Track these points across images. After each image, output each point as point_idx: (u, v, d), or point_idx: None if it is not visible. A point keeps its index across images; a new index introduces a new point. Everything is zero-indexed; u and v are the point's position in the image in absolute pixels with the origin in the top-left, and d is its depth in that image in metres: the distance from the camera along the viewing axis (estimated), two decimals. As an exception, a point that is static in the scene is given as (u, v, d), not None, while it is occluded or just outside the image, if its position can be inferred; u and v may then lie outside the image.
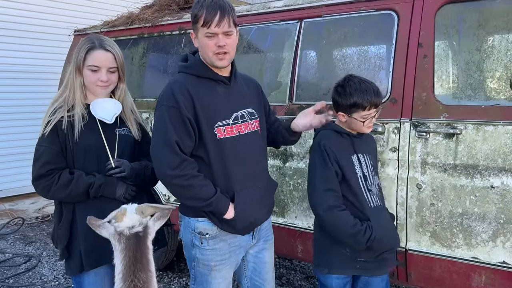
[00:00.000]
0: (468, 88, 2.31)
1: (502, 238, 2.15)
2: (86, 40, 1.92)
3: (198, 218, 1.89)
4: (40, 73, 6.22)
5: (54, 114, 1.88)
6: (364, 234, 1.90)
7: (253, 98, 1.99)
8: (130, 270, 1.56)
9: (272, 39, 3.03)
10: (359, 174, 2.00)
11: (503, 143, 2.12)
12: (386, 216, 2.08)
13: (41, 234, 4.85)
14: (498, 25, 2.28)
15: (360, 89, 1.94)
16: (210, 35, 1.75)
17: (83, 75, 1.91)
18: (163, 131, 1.76)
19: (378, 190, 2.07)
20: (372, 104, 1.94)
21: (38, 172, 1.86)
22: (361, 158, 2.03)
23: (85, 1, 6.78)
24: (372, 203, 2.00)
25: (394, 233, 2.08)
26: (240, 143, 1.86)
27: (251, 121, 1.92)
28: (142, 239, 1.60)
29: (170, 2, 3.89)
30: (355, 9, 2.63)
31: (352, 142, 2.03)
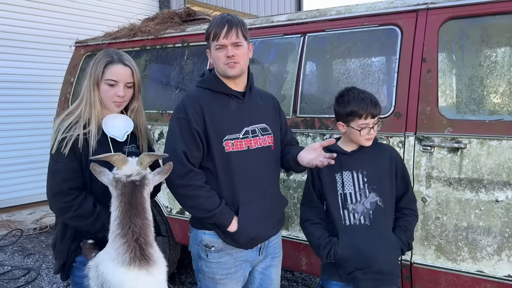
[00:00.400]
0: (472, 103, 2.34)
1: (507, 251, 2.17)
2: (103, 54, 1.92)
3: (204, 231, 1.92)
4: (40, 83, 6.22)
5: (70, 130, 1.83)
6: (323, 248, 2.01)
7: (268, 114, 2.01)
8: (126, 215, 1.61)
9: (275, 52, 3.05)
10: (340, 191, 2.04)
11: (507, 157, 2.14)
12: (367, 235, 1.98)
13: (39, 246, 4.81)
14: (501, 41, 2.31)
15: (358, 98, 2.00)
16: (220, 47, 1.83)
17: (100, 89, 1.89)
18: (173, 141, 1.85)
19: (370, 208, 2.01)
20: (368, 113, 1.97)
21: (58, 188, 1.81)
22: (346, 176, 2.03)
23: (86, 12, 6.81)
24: (347, 221, 2.02)
25: (371, 254, 1.95)
26: (248, 157, 1.88)
27: (263, 136, 1.94)
28: (138, 188, 1.65)
29: (173, 15, 3.92)
30: (359, 24, 2.67)
31: (340, 160, 2.02)
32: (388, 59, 2.72)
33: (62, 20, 6.49)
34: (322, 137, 2.68)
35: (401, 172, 2.09)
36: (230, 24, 1.80)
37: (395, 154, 2.13)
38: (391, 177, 2.06)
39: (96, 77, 1.87)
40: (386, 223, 2.04)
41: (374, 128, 2.00)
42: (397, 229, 2.04)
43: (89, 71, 1.91)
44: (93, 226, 1.83)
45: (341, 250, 1.98)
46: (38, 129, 6.04)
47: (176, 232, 3.46)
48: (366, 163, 2.05)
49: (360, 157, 2.05)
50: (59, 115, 4.11)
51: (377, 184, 2.03)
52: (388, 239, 2.00)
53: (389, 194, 2.05)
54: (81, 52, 4.20)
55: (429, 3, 2.42)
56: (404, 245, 2.02)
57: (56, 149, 1.82)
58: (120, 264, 1.56)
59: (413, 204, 2.10)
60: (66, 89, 4.19)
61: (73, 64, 4.25)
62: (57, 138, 1.82)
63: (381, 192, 2.03)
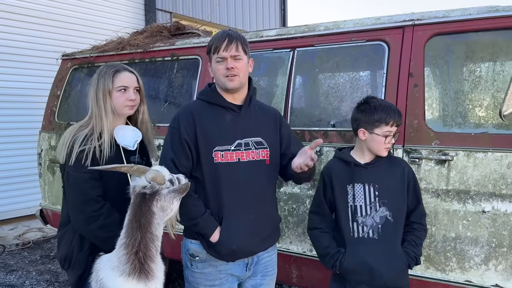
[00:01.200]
0: (458, 116, 2.41)
1: (494, 261, 2.22)
2: (106, 67, 2.04)
3: (191, 240, 1.95)
4: (26, 96, 6.15)
5: (87, 142, 1.90)
6: (330, 258, 2.04)
7: (266, 128, 2.00)
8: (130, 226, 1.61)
9: (265, 66, 3.09)
10: (351, 203, 2.06)
11: (493, 169, 2.20)
12: (374, 249, 1.99)
13: (22, 262, 4.70)
14: (484, 56, 2.40)
15: (385, 105, 2.06)
16: (220, 60, 1.88)
17: (112, 98, 1.98)
18: (164, 150, 1.92)
19: (380, 222, 2.02)
20: (394, 121, 2.02)
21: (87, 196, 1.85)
22: (358, 188, 2.05)
23: (72, 25, 6.80)
24: (356, 233, 2.04)
25: (376, 269, 1.96)
26: (238, 170, 1.89)
27: (256, 150, 1.94)
28: (146, 201, 1.63)
29: (161, 29, 3.94)
30: (347, 39, 2.73)
31: (353, 172, 2.06)
32: (376, 73, 2.78)
33: (48, 33, 6.47)
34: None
35: (413, 187, 2.08)
36: (230, 38, 1.86)
37: (408, 168, 2.12)
38: (403, 191, 2.05)
39: (107, 87, 1.98)
40: (394, 238, 2.03)
41: (395, 137, 2.05)
42: (406, 243, 2.03)
43: (95, 85, 2.00)
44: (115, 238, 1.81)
45: (347, 261, 2.00)
46: (22, 143, 5.96)
47: (164, 246, 3.42)
48: (378, 177, 2.05)
49: (373, 170, 2.06)
50: (45, 128, 4.11)
51: (388, 198, 2.04)
52: (395, 253, 2.00)
53: (400, 209, 2.05)
54: (68, 65, 4.18)
55: (415, 19, 2.50)
56: (411, 260, 2.01)
57: (75, 160, 1.87)
58: (120, 273, 1.57)
59: (423, 219, 2.10)
60: (52, 102, 4.15)
61: (59, 77, 4.22)
62: (75, 150, 1.87)
63: (392, 206, 2.03)
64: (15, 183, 6.06)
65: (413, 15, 2.56)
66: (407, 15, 2.58)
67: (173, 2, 8.98)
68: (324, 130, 2.71)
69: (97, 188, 1.89)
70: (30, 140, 5.45)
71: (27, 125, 5.91)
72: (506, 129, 2.26)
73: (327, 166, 2.20)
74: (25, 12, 6.24)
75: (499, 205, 2.20)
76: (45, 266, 4.55)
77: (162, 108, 3.52)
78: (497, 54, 2.37)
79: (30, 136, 5.49)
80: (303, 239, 2.76)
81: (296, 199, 2.76)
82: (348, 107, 2.74)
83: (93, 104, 1.99)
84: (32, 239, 5.40)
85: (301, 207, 2.75)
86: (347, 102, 2.75)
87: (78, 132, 1.94)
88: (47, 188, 4.04)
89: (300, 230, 2.76)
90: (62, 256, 1.99)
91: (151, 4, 8.28)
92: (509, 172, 2.16)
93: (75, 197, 1.89)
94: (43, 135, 4.13)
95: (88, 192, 1.86)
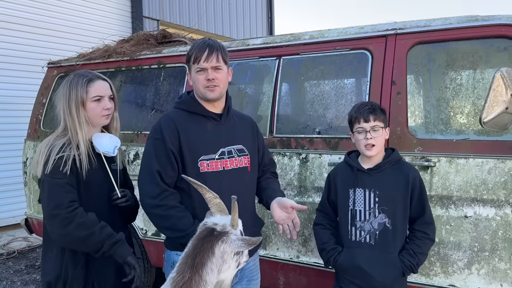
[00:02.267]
0: (440, 123, 2.46)
1: (477, 265, 2.26)
2: (77, 76, 1.94)
3: (177, 252, 1.88)
4: (11, 104, 6.06)
5: (66, 150, 1.85)
6: (326, 253, 2.13)
7: (246, 135, 2.04)
8: (184, 261, 1.43)
9: (251, 74, 3.12)
10: (351, 207, 2.09)
11: (474, 175, 2.25)
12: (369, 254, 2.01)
13: (7, 272, 4.63)
14: (465, 64, 2.46)
15: (359, 104, 2.13)
16: (200, 70, 1.87)
17: (86, 109, 1.91)
18: (147, 161, 1.87)
19: (377, 229, 2.02)
20: (361, 115, 2.03)
21: (59, 200, 1.78)
22: (359, 193, 2.07)
23: (58, 33, 6.75)
24: (353, 237, 2.07)
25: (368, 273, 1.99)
26: (223, 178, 1.90)
27: (239, 157, 1.96)
28: (211, 238, 1.44)
29: (148, 37, 3.95)
30: (331, 48, 2.77)
31: (356, 176, 2.09)
32: (360, 81, 2.83)
33: (34, 41, 6.41)
34: (298, 156, 2.74)
35: (418, 195, 2.04)
36: (211, 48, 1.85)
37: (414, 175, 2.06)
38: (405, 199, 2.03)
39: (81, 98, 1.89)
40: (392, 245, 2.02)
41: (370, 133, 2.02)
42: (403, 251, 2.02)
43: (66, 96, 1.90)
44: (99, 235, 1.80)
45: (341, 260, 2.06)
46: (6, 151, 5.89)
47: (151, 255, 3.42)
48: (380, 183, 2.05)
49: (376, 176, 2.06)
50: (30, 136, 4.08)
51: (388, 205, 2.02)
52: (390, 261, 2.00)
53: (401, 217, 2.03)
54: (54, 73, 4.16)
55: (397, 28, 2.56)
56: (406, 268, 1.99)
57: (52, 167, 1.81)
58: None
59: (429, 228, 2.05)
60: (37, 110, 4.12)
61: (45, 85, 4.19)
62: (52, 157, 1.82)
63: (392, 213, 2.02)
64: None
65: (395, 24, 2.62)
66: (390, 24, 2.63)
67: (160, 9, 8.99)
68: (309, 137, 2.74)
69: (71, 194, 1.82)
70: (15, 148, 5.40)
71: (12, 133, 5.84)
72: (487, 136, 2.31)
73: (335, 169, 2.26)
74: (10, 19, 6.19)
75: (480, 210, 2.24)
76: (30, 276, 4.49)
77: (149, 116, 3.53)
78: (477, 62, 2.43)
79: (15, 145, 5.43)
80: (290, 245, 2.78)
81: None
82: (333, 114, 2.78)
83: (66, 116, 1.91)
84: (17, 248, 5.31)
85: (288, 213, 2.77)
86: (332, 109, 2.78)
87: (55, 141, 1.88)
88: (32, 197, 4.00)
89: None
90: (53, 279, 1.89)
91: (138, 12, 8.28)
92: (490, 178, 2.21)
93: (49, 203, 1.80)
94: (28, 143, 4.09)
95: (62, 196, 1.79)
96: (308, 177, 2.70)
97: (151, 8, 8.73)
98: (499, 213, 2.20)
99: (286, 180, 2.77)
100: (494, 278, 2.22)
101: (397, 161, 2.10)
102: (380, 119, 2.05)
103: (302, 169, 2.73)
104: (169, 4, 9.20)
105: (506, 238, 2.19)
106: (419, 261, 2.02)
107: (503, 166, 2.19)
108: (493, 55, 2.39)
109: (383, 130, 2.06)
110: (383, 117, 2.07)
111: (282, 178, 2.78)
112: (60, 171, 1.81)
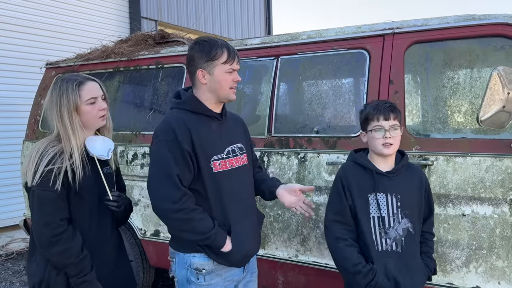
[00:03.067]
0: (437, 122, 2.47)
1: (475, 263, 2.27)
2: (65, 81, 1.87)
3: (194, 254, 1.88)
4: (9, 105, 6.06)
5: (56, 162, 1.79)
6: (364, 277, 1.89)
7: (241, 134, 2.07)
8: None
9: (249, 74, 3.13)
10: (373, 214, 1.96)
11: (472, 173, 2.26)
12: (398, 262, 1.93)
13: (5, 273, 4.62)
14: (462, 63, 2.47)
15: (373, 103, 2.05)
16: (231, 71, 1.88)
17: (81, 113, 1.86)
18: (164, 165, 1.79)
19: (402, 235, 1.95)
20: (381, 113, 1.94)
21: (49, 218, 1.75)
22: (381, 198, 1.95)
23: (56, 34, 6.74)
24: (380, 246, 1.94)
25: (400, 283, 1.90)
26: (233, 177, 1.92)
27: (241, 156, 1.99)
28: None
29: (146, 37, 3.95)
30: (329, 47, 2.78)
31: (374, 179, 1.96)
32: (357, 81, 2.84)
33: (32, 41, 6.40)
34: (297, 156, 2.75)
35: (428, 196, 2.03)
36: (237, 54, 1.90)
37: (424, 176, 2.06)
38: (420, 201, 2.00)
39: (73, 103, 1.83)
40: (415, 250, 1.98)
41: (390, 132, 1.94)
42: (423, 255, 1.99)
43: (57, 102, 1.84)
44: (75, 268, 1.79)
45: (380, 279, 1.90)
46: (5, 152, 5.88)
47: (151, 255, 3.42)
48: (400, 186, 1.97)
49: (395, 179, 1.97)
50: (29, 137, 4.07)
51: (409, 209, 1.96)
52: (418, 266, 1.96)
53: (418, 220, 1.99)
54: (52, 73, 4.16)
55: (395, 28, 2.56)
56: (431, 272, 1.99)
57: (41, 179, 1.76)
58: None
59: (433, 228, 2.08)
60: (36, 111, 4.12)
61: (43, 85, 4.19)
62: (40, 168, 1.76)
63: (412, 217, 1.97)
64: (-3, 193, 5.98)
65: (393, 23, 2.63)
66: (387, 24, 2.64)
67: (158, 10, 8.99)
68: (308, 137, 2.75)
69: (62, 210, 1.80)
70: (13, 149, 5.40)
71: (11, 134, 5.84)
72: (484, 134, 2.32)
73: (344, 171, 2.06)
74: (8, 20, 6.18)
75: (478, 208, 2.25)
76: (29, 277, 4.49)
77: (147, 116, 3.53)
78: (474, 61, 2.44)
79: (13, 145, 5.44)
80: (288, 244, 2.78)
81: (282, 205, 2.78)
82: (331, 114, 2.79)
83: (57, 124, 1.84)
84: (15, 249, 5.31)
85: (286, 213, 2.78)
86: (330, 108, 2.79)
87: (47, 149, 1.81)
88: (31, 198, 4.00)
89: (285, 236, 2.79)
90: (37, 282, 1.88)
91: (136, 12, 8.27)
92: (487, 176, 2.22)
93: (38, 218, 1.78)
94: (26, 144, 4.09)
95: (51, 215, 1.76)
96: (307, 177, 2.71)
97: (149, 8, 8.72)
98: (497, 211, 2.21)
99: (285, 180, 2.78)
100: (492, 276, 2.23)
101: (407, 161, 2.05)
102: (398, 118, 1.98)
103: (300, 168, 2.73)
104: (167, 4, 9.19)
105: (503, 236, 2.20)
106: (436, 262, 2.04)
107: (500, 164, 2.20)
108: (490, 54, 2.40)
109: (401, 130, 2.00)
110: (400, 116, 2.00)
111: (281, 178, 2.79)
112: (50, 185, 1.76)
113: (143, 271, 3.51)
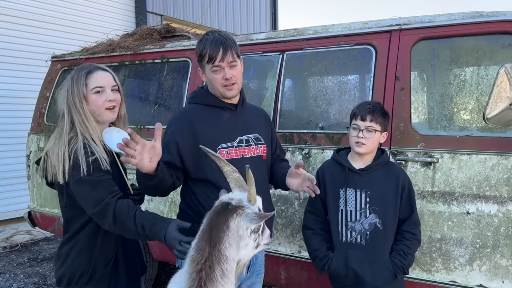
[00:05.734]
0: (443, 119, 2.46)
1: (479, 262, 2.26)
2: (78, 69, 1.85)
3: None
4: (15, 98, 6.09)
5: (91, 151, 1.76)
6: (319, 261, 2.11)
7: (260, 125, 2.05)
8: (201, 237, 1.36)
9: (255, 69, 3.12)
10: (341, 207, 2.08)
11: (477, 171, 2.24)
12: (361, 255, 2.03)
13: (10, 265, 4.66)
14: (469, 60, 2.45)
15: (362, 102, 2.14)
16: (216, 69, 1.84)
17: (88, 102, 1.82)
18: None
19: (368, 229, 2.03)
20: (359, 113, 2.04)
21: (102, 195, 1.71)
22: (350, 194, 2.07)
23: (62, 27, 6.76)
24: (344, 237, 2.07)
25: (360, 275, 2.00)
26: (243, 166, 1.89)
27: (256, 146, 1.97)
28: (225, 212, 1.38)
29: (152, 31, 3.95)
30: (335, 43, 2.76)
31: (347, 176, 2.08)
32: (363, 77, 2.82)
33: (38, 35, 6.42)
34: (301, 152, 2.74)
35: (407, 196, 2.07)
36: (224, 47, 1.80)
37: (404, 177, 2.09)
38: (396, 200, 2.04)
39: (81, 91, 1.80)
40: (382, 246, 2.04)
41: (363, 132, 2.02)
42: (394, 253, 2.03)
43: (68, 90, 1.82)
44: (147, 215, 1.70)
45: (334, 266, 2.05)
46: (10, 145, 5.91)
47: (154, 249, 3.43)
48: (371, 183, 2.05)
49: (367, 176, 2.06)
50: (34, 130, 4.09)
51: (380, 206, 2.04)
52: (382, 261, 2.01)
53: (391, 217, 2.04)
54: (58, 66, 4.17)
55: (401, 24, 2.54)
56: (398, 269, 2.00)
57: (87, 170, 1.72)
58: None
59: (416, 229, 2.07)
60: (41, 104, 4.14)
61: (49, 78, 4.20)
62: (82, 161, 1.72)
63: (382, 214, 2.03)
64: (3, 185, 6.00)
65: (399, 19, 2.60)
66: (394, 20, 2.62)
67: (164, 4, 8.98)
68: (312, 133, 2.74)
69: (113, 186, 1.76)
70: (18, 142, 5.41)
71: (16, 127, 5.87)
72: (490, 132, 2.31)
73: (322, 167, 2.22)
74: (14, 13, 6.20)
75: (483, 206, 2.24)
76: (33, 269, 4.52)
77: (152, 110, 3.53)
78: (481, 58, 2.42)
79: (18, 138, 5.45)
80: (291, 240, 2.78)
81: (285, 201, 2.79)
82: (336, 110, 2.78)
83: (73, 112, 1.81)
84: (20, 241, 5.35)
85: (290, 208, 2.78)
86: (335, 105, 2.78)
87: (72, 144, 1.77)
88: (36, 190, 4.02)
89: (288, 231, 2.78)
90: (77, 272, 1.83)
91: (141, 7, 8.27)
92: (493, 174, 2.21)
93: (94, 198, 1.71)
94: (32, 137, 4.11)
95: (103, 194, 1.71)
96: (311, 173, 2.70)
97: (155, 3, 8.72)
98: (502, 209, 2.19)
99: (289, 175, 2.77)
100: (496, 275, 2.22)
101: (386, 162, 2.11)
102: (378, 121, 2.03)
103: (304, 164, 2.73)
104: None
105: (508, 235, 2.19)
106: (410, 262, 2.04)
107: (506, 162, 2.18)
108: (497, 51, 2.38)
109: (378, 134, 2.05)
110: (381, 120, 2.04)
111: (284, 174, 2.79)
112: (98, 169, 1.74)
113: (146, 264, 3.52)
